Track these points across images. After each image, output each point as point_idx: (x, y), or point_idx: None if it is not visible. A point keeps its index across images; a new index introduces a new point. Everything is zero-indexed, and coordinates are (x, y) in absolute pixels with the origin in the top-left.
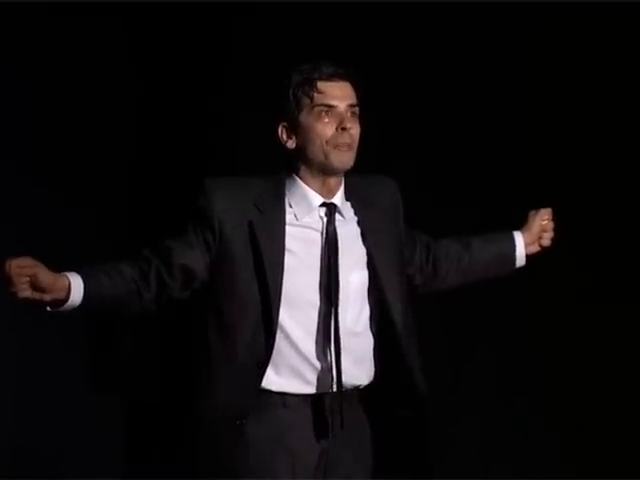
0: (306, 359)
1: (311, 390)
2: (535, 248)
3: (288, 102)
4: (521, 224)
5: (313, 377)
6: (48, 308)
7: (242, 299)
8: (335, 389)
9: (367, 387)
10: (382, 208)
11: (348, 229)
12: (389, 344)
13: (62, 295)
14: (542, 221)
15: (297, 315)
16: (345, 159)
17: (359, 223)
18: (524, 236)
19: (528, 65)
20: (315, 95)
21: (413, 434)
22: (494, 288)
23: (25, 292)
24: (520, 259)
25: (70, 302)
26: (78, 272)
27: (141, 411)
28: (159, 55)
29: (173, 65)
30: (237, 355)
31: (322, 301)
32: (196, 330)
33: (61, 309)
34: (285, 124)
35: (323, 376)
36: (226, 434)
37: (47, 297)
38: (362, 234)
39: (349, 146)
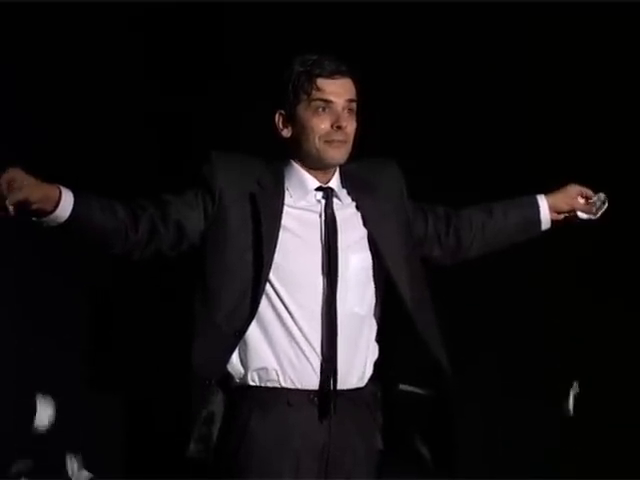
0: (307, 341)
1: (311, 376)
2: (559, 215)
3: (287, 93)
4: None
5: (315, 359)
6: (33, 218)
7: (229, 268)
8: (333, 376)
9: (381, 371)
10: (384, 191)
11: (346, 212)
12: (402, 324)
13: (50, 206)
14: (579, 197)
15: (299, 297)
16: (337, 155)
17: (358, 207)
18: (548, 199)
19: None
20: (314, 92)
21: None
22: (497, 289)
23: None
24: (545, 222)
25: (56, 214)
26: (71, 190)
27: (141, 411)
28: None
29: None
30: (216, 321)
31: (325, 283)
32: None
33: (45, 220)
34: (282, 112)
35: (323, 359)
36: (230, 435)
37: (35, 206)
38: (362, 217)
39: (343, 142)
